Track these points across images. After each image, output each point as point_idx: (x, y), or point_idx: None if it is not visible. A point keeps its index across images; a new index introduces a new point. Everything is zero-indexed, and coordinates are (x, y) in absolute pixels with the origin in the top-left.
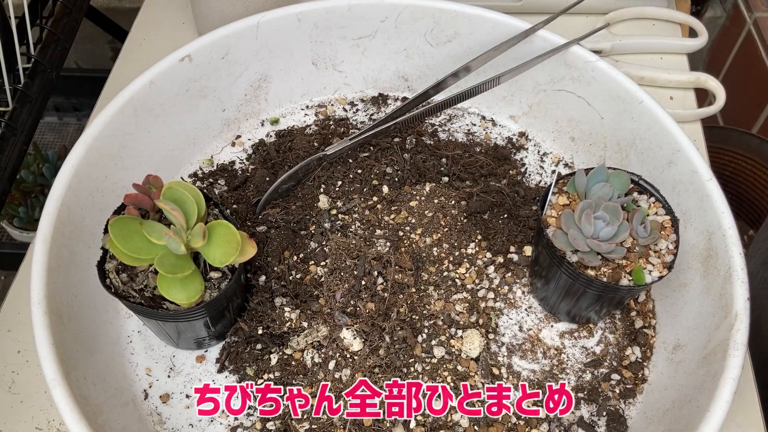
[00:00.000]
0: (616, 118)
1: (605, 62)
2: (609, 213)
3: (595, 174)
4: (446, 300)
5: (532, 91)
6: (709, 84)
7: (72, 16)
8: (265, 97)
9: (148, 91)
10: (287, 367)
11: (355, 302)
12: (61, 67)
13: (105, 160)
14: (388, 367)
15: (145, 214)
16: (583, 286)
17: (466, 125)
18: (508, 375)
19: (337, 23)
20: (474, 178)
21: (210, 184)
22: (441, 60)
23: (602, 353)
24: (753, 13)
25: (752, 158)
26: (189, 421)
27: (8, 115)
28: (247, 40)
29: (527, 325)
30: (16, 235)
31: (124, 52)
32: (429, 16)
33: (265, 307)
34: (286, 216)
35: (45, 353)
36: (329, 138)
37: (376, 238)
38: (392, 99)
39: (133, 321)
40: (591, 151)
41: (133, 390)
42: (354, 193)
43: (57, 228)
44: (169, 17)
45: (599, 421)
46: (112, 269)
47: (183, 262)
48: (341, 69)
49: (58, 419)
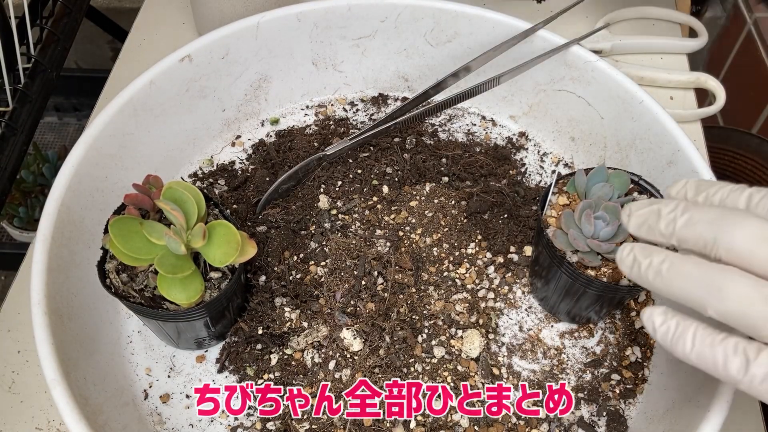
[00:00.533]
0: (616, 118)
1: (605, 62)
2: (609, 213)
3: (595, 174)
4: (446, 300)
5: (532, 91)
6: (709, 84)
7: (72, 16)
8: (265, 97)
9: (148, 91)
10: (287, 367)
11: (355, 302)
12: (61, 67)
13: (105, 160)
14: (388, 367)
15: (145, 214)
16: (583, 286)
17: (466, 125)
18: (508, 375)
19: (337, 23)
20: (474, 178)
21: (210, 184)
22: (441, 60)
23: (602, 353)
24: (753, 13)
25: (752, 158)
26: (189, 421)
27: (8, 115)
28: (247, 40)
29: (527, 325)
30: (16, 235)
31: (124, 52)
32: (429, 16)
33: (265, 307)
34: (286, 216)
35: (45, 353)
36: (329, 138)
37: (376, 238)
38: (392, 99)
39: (133, 321)
40: (591, 151)
41: (133, 390)
42: (354, 193)
43: (57, 228)
44: (169, 17)
45: (599, 421)
46: (112, 269)
47: (183, 262)
48: (341, 69)
49: (58, 419)
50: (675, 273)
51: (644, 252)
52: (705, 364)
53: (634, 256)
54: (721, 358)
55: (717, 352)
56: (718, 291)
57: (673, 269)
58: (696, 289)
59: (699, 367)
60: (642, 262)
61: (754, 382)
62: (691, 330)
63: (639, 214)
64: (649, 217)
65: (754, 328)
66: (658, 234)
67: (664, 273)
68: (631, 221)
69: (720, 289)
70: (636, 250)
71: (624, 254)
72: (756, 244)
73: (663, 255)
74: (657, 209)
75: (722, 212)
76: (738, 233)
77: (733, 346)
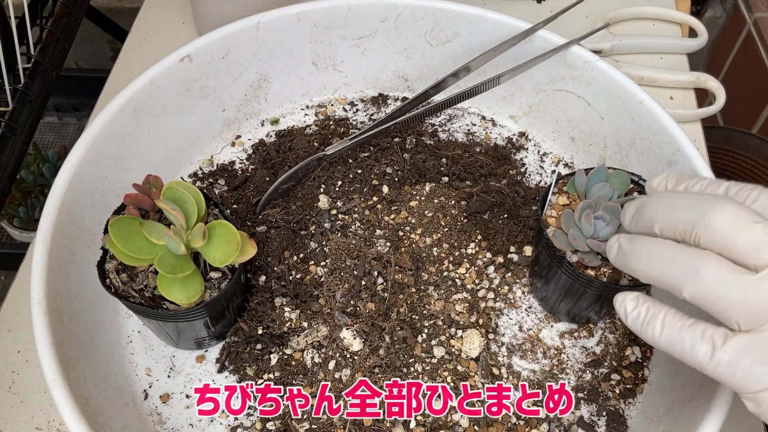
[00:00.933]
0: (616, 118)
1: (605, 62)
2: (609, 213)
3: (595, 174)
4: (446, 300)
5: (532, 91)
6: (709, 84)
7: (72, 16)
8: (265, 97)
9: (148, 91)
10: (287, 367)
11: (355, 302)
12: (61, 67)
13: (105, 160)
14: (388, 367)
15: (145, 214)
16: (583, 286)
17: (466, 125)
18: (508, 375)
19: (337, 23)
20: (474, 178)
21: (210, 184)
22: (441, 60)
23: (602, 353)
24: (753, 13)
25: (752, 158)
26: (189, 421)
27: (8, 115)
28: (247, 40)
29: (527, 325)
30: (16, 235)
31: (124, 52)
32: (429, 16)
33: (265, 307)
34: (286, 216)
35: (45, 353)
36: (329, 138)
37: (376, 238)
38: (392, 99)
39: (133, 321)
40: (591, 151)
41: (133, 390)
42: (354, 193)
43: (57, 228)
44: (169, 17)
45: (599, 421)
46: (112, 269)
47: (183, 262)
48: (341, 69)
49: (58, 419)
50: (655, 256)
51: (628, 239)
52: (673, 349)
53: (619, 244)
54: (688, 343)
55: (685, 337)
56: (695, 273)
57: (653, 252)
58: (674, 271)
59: (667, 351)
60: (625, 248)
61: (720, 367)
62: (661, 315)
63: (631, 208)
64: (638, 209)
65: (725, 312)
66: (644, 223)
67: (643, 256)
68: (626, 216)
69: (697, 271)
70: (621, 238)
71: (611, 242)
72: (734, 227)
73: (644, 240)
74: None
75: (702, 197)
76: (716, 216)
77: (701, 332)
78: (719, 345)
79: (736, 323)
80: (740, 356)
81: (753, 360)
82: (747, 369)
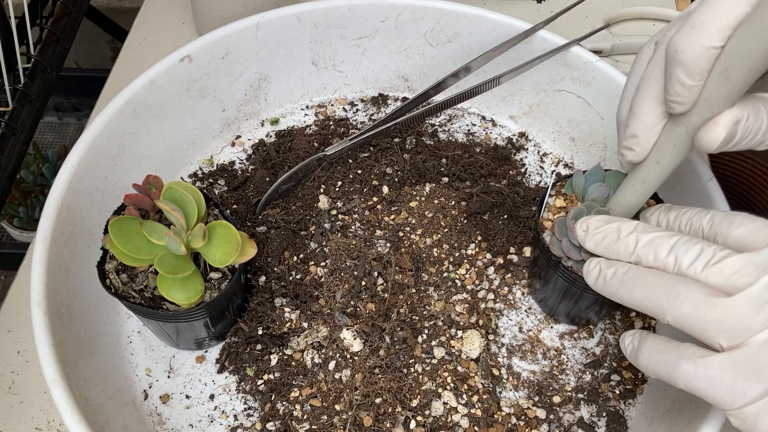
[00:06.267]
0: (616, 119)
1: (605, 62)
2: None
3: (591, 174)
4: (446, 301)
5: (532, 91)
6: None
7: (72, 16)
8: (265, 97)
9: (148, 91)
10: (287, 368)
11: (356, 303)
12: (61, 67)
13: (105, 160)
14: (388, 367)
15: (145, 214)
16: (580, 290)
17: (466, 125)
18: (508, 375)
19: (337, 23)
20: (474, 179)
21: (210, 184)
22: (441, 60)
23: (602, 354)
24: None
25: (752, 158)
26: (189, 422)
27: (8, 115)
28: (247, 40)
29: (527, 326)
30: (16, 235)
31: (124, 52)
32: (429, 16)
33: (265, 308)
34: (286, 216)
35: (45, 353)
36: (329, 138)
37: (376, 238)
38: (392, 99)
39: (133, 321)
40: (591, 152)
41: (133, 390)
42: (354, 194)
43: (57, 228)
44: (169, 17)
45: (599, 422)
46: (112, 269)
47: (183, 262)
48: (341, 69)
49: (58, 419)
50: (637, 282)
51: (608, 263)
52: (659, 372)
53: (599, 268)
54: (673, 364)
55: (669, 359)
56: (676, 297)
57: (636, 278)
58: (656, 295)
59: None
60: (607, 273)
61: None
62: (648, 341)
63: (597, 232)
64: (608, 236)
65: (706, 332)
66: (618, 253)
67: (627, 282)
68: (588, 240)
69: (678, 295)
70: (602, 263)
71: (590, 267)
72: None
73: (626, 266)
74: (616, 228)
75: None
76: (690, 255)
77: (683, 352)
78: (701, 363)
79: (718, 344)
80: (722, 372)
81: (734, 375)
82: (729, 384)
